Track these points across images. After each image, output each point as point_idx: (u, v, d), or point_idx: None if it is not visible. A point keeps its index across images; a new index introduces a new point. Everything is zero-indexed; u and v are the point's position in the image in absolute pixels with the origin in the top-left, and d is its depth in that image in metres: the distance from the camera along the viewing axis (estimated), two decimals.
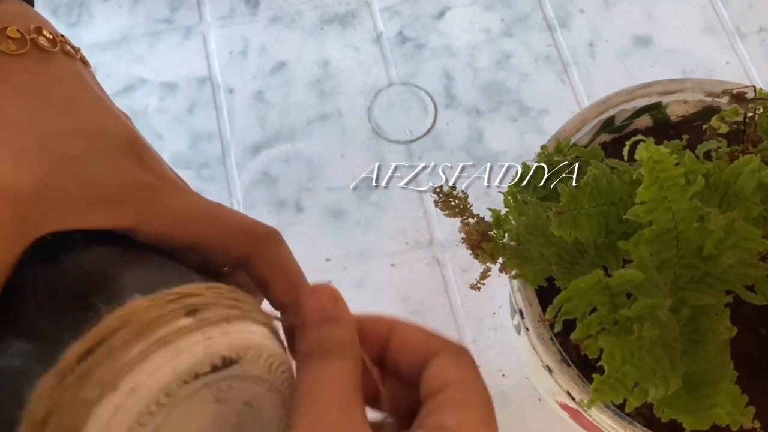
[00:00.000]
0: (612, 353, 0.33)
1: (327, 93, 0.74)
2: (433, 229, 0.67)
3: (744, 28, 0.77)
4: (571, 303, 0.35)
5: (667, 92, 0.54)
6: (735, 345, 0.37)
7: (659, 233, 0.36)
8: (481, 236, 0.42)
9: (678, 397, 0.35)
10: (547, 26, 0.78)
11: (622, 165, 0.42)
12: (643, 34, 0.77)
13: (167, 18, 0.79)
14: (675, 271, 0.37)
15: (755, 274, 0.36)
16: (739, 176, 0.38)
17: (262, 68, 0.76)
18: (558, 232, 0.40)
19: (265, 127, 0.73)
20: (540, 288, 0.46)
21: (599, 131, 0.55)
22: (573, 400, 0.45)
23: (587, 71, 0.75)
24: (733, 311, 0.37)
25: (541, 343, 0.46)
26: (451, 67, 0.75)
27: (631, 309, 0.33)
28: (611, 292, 0.35)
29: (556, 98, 0.73)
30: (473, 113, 0.73)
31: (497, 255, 0.42)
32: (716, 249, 0.35)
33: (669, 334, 0.34)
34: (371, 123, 0.73)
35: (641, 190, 0.35)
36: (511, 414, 0.60)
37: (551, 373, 0.46)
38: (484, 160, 0.70)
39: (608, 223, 0.40)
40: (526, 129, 0.72)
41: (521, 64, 0.75)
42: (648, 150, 0.35)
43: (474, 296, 0.64)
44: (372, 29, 0.78)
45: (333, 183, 0.69)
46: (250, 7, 0.80)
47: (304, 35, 0.78)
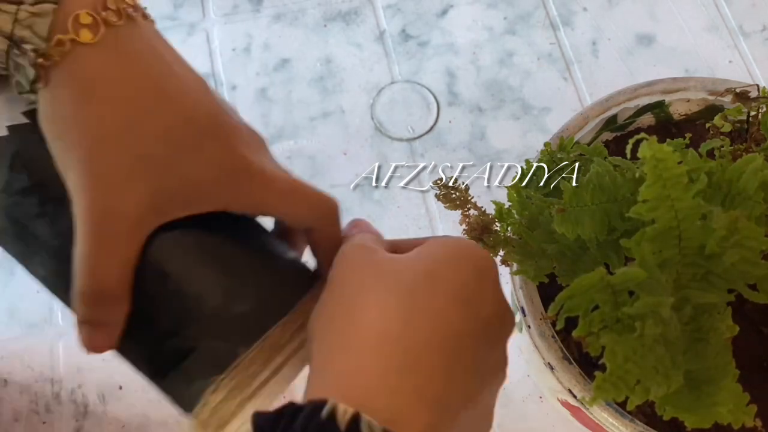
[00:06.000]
0: (614, 351, 0.33)
1: (330, 90, 0.74)
2: (435, 227, 0.67)
3: (747, 27, 0.77)
4: (573, 300, 0.35)
5: (670, 91, 0.54)
6: (737, 343, 0.37)
7: (662, 231, 0.36)
8: (482, 229, 0.42)
9: (680, 396, 0.35)
10: (550, 24, 0.78)
11: (625, 163, 0.42)
12: (646, 33, 0.77)
13: (170, 15, 0.79)
14: (677, 269, 0.37)
15: (757, 273, 0.36)
16: (742, 175, 0.38)
17: (265, 65, 0.76)
18: (560, 229, 0.40)
19: (268, 124, 0.73)
20: (542, 285, 0.46)
21: (602, 130, 0.55)
22: (575, 397, 0.45)
23: (590, 70, 0.75)
24: (735, 310, 0.37)
25: (543, 340, 0.46)
26: (453, 65, 0.75)
27: (634, 307, 0.33)
28: (613, 290, 0.35)
29: (559, 96, 0.73)
30: (476, 111, 0.73)
31: (499, 247, 0.42)
32: (719, 247, 0.35)
33: (671, 332, 0.34)
34: (374, 120, 0.73)
35: (644, 188, 0.35)
36: (513, 412, 0.60)
37: (553, 371, 0.46)
38: (486, 158, 0.70)
39: (610, 220, 0.40)
40: (529, 127, 0.72)
41: (524, 63, 0.75)
42: (651, 148, 0.35)
43: None
44: (375, 27, 0.78)
45: (336, 180, 0.70)
46: (253, 4, 0.80)
47: (307, 32, 0.78)
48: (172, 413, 0.60)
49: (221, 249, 0.34)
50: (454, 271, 0.32)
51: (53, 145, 0.33)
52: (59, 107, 0.32)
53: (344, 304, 0.31)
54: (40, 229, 0.34)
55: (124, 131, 0.32)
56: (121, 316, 0.33)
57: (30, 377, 0.62)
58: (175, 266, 0.33)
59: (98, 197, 0.32)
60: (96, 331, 0.34)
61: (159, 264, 0.33)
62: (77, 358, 0.63)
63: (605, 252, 0.41)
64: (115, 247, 0.32)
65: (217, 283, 0.33)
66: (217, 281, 0.33)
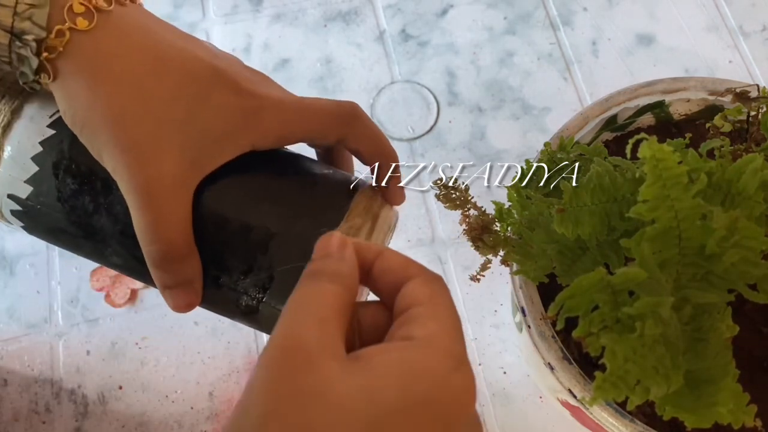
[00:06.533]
0: (614, 351, 0.33)
1: (330, 90, 0.74)
2: (435, 227, 0.67)
3: (747, 27, 0.77)
4: (573, 300, 0.35)
5: (670, 91, 0.54)
6: (737, 343, 0.37)
7: (662, 231, 0.36)
8: (482, 229, 0.42)
9: (680, 396, 0.35)
10: (550, 24, 0.78)
11: (625, 163, 0.42)
12: (646, 33, 0.77)
13: (170, 14, 0.79)
14: (677, 269, 0.37)
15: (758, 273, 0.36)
16: (742, 175, 0.38)
17: (265, 65, 0.76)
18: (560, 229, 0.40)
19: None
20: (542, 285, 0.46)
21: (602, 130, 0.55)
22: (574, 397, 0.45)
23: (590, 69, 0.75)
24: (735, 310, 0.37)
25: (543, 340, 0.46)
26: (453, 65, 0.75)
27: (633, 307, 0.33)
28: (613, 290, 0.35)
29: (559, 96, 0.73)
30: (476, 111, 0.73)
31: (499, 247, 0.42)
32: (719, 247, 0.35)
33: (671, 332, 0.34)
34: (374, 120, 0.73)
35: (644, 188, 0.35)
36: (513, 411, 0.60)
37: (553, 371, 0.46)
38: (486, 158, 0.70)
39: (610, 220, 0.40)
40: (529, 127, 0.72)
41: (524, 63, 0.75)
42: (651, 148, 0.35)
43: (475, 294, 0.64)
44: (375, 27, 0.78)
45: None
46: (253, 4, 0.80)
47: (307, 32, 0.78)
48: (172, 413, 0.61)
49: (265, 183, 0.37)
50: (408, 427, 0.25)
51: (82, 137, 0.35)
52: (74, 98, 0.34)
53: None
54: (100, 222, 0.37)
55: (139, 101, 0.34)
56: (196, 271, 0.36)
57: (30, 377, 0.62)
58: (230, 211, 0.36)
59: (136, 168, 0.34)
60: (179, 293, 0.36)
61: (215, 214, 0.36)
62: (77, 358, 0.63)
63: (605, 252, 0.41)
64: (167, 208, 0.34)
65: (272, 212, 0.36)
66: (271, 210, 0.36)
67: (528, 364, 0.56)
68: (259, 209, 0.36)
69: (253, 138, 0.36)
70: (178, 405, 0.61)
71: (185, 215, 0.35)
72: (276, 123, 0.36)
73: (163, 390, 0.61)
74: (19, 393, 0.62)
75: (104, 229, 0.37)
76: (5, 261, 0.67)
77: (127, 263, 0.38)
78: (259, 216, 0.36)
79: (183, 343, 0.63)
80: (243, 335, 0.63)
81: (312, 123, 0.37)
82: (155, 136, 0.34)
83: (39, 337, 0.64)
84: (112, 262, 0.38)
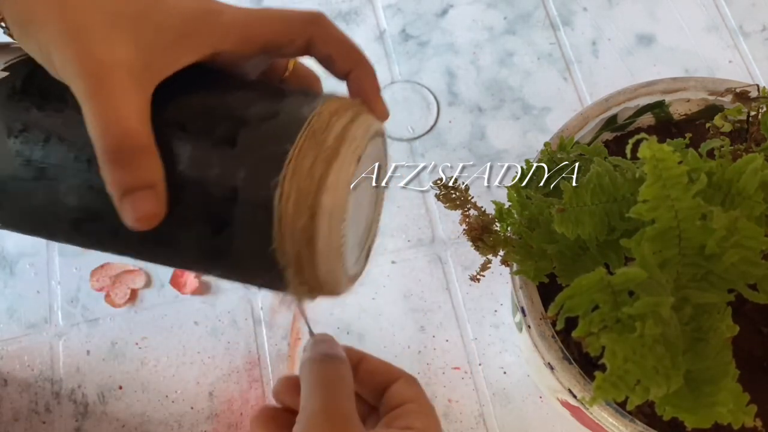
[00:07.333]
0: (614, 351, 0.33)
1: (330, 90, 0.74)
2: (435, 227, 0.67)
3: (747, 27, 0.77)
4: (573, 300, 0.35)
5: (669, 91, 0.54)
6: (737, 343, 0.37)
7: (662, 231, 0.36)
8: (482, 229, 0.42)
9: (679, 396, 0.35)
10: (550, 24, 0.78)
11: (625, 163, 0.42)
12: (646, 33, 0.77)
13: None
14: (677, 269, 0.37)
15: (757, 273, 0.36)
16: (742, 175, 0.38)
17: None
18: (560, 229, 0.40)
19: None
20: (542, 285, 0.46)
21: (602, 129, 0.55)
22: (574, 397, 0.45)
23: (590, 69, 0.75)
24: (735, 310, 0.37)
25: (543, 340, 0.46)
26: (453, 65, 0.75)
27: (634, 307, 0.33)
28: (613, 290, 0.35)
29: (559, 96, 0.73)
30: (476, 111, 0.73)
31: (499, 247, 0.42)
32: (719, 247, 0.35)
33: (671, 332, 0.34)
34: None
35: (644, 188, 0.35)
36: (512, 411, 0.60)
37: (553, 371, 0.46)
38: (486, 158, 0.70)
39: (610, 220, 0.40)
40: (529, 127, 0.72)
41: (524, 62, 0.75)
42: (651, 148, 0.35)
43: (475, 294, 0.64)
44: (375, 27, 0.78)
45: None
46: (253, 5, 0.80)
47: None
48: (172, 413, 0.61)
49: (229, 89, 0.35)
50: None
51: (29, 38, 0.32)
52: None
53: None
54: (52, 153, 0.33)
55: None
56: (156, 172, 0.31)
57: (30, 377, 0.62)
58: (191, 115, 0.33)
59: (84, 53, 0.31)
60: (139, 198, 0.31)
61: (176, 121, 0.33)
62: (77, 358, 0.63)
63: (605, 252, 0.41)
64: (121, 95, 0.31)
65: (241, 99, 0.34)
66: (241, 98, 0.34)
67: (528, 364, 0.56)
68: (225, 99, 0.34)
69: (212, 39, 0.33)
70: (178, 405, 0.61)
71: (142, 107, 0.31)
72: (238, 22, 0.34)
73: (163, 390, 0.61)
74: (19, 393, 0.62)
75: (57, 161, 0.33)
76: (5, 261, 0.67)
77: (83, 201, 0.33)
78: (230, 104, 0.33)
79: (183, 343, 0.63)
80: (243, 335, 0.63)
81: (276, 23, 0.35)
82: (105, 24, 0.31)
83: (39, 337, 0.64)
84: (67, 205, 0.33)
